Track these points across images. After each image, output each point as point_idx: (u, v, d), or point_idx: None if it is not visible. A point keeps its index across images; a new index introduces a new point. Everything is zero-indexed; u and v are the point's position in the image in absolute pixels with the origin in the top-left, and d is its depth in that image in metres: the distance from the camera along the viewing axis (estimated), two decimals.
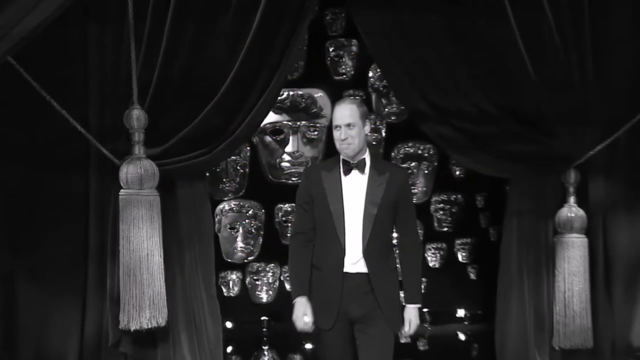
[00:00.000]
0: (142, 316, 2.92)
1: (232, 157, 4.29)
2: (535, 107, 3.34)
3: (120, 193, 3.00)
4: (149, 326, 2.94)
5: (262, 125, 4.27)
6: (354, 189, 2.66)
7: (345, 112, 2.65)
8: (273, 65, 3.28)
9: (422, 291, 4.31)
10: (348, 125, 2.63)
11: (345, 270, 2.64)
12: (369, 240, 2.62)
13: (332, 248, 2.64)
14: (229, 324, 4.25)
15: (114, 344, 3.11)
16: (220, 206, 4.32)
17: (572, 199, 3.44)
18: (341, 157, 2.72)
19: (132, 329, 2.93)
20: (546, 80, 3.31)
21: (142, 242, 2.94)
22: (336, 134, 2.67)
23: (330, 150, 4.39)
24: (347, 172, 2.68)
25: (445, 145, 3.50)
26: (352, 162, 2.69)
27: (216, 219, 4.34)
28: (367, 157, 2.71)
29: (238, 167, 4.33)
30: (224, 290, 4.33)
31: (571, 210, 3.41)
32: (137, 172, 2.97)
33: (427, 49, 3.35)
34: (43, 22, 2.81)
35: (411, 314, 2.75)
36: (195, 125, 3.20)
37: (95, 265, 3.17)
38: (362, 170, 2.68)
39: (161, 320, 2.98)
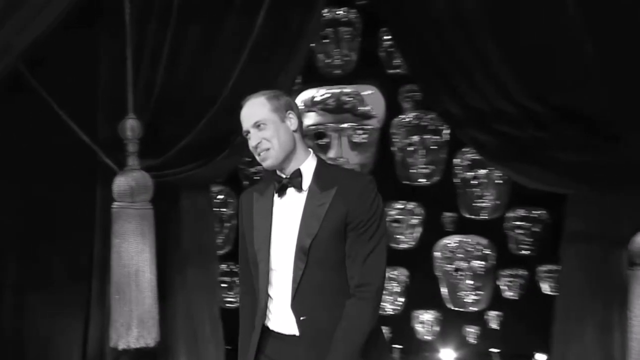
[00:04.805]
0: (130, 335, 3.26)
1: None
2: (599, 106, 3.08)
3: (112, 206, 3.38)
4: (137, 346, 3.27)
5: (306, 127, 4.48)
6: (287, 215, 2.18)
7: (250, 110, 2.19)
8: (280, 65, 3.45)
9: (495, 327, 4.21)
10: (257, 125, 2.17)
11: (271, 327, 2.20)
12: (300, 287, 2.11)
13: (260, 298, 2.22)
14: None
15: None
16: None
17: None
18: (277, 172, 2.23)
19: (121, 347, 3.28)
20: (614, 69, 3.04)
21: (132, 257, 3.27)
22: (249, 144, 2.21)
23: (382, 157, 4.44)
24: (280, 193, 2.20)
25: (483, 154, 3.38)
26: (284, 176, 2.21)
27: None
28: (305, 166, 2.19)
29: None
30: None
31: None
32: (128, 184, 3.31)
33: (459, 38, 3.26)
34: (43, 33, 3.28)
35: None
36: (198, 133, 3.47)
37: (98, 279, 3.59)
38: (298, 188, 2.18)
39: (150, 340, 3.28)
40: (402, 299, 4.43)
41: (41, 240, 3.62)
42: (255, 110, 2.20)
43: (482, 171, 4.25)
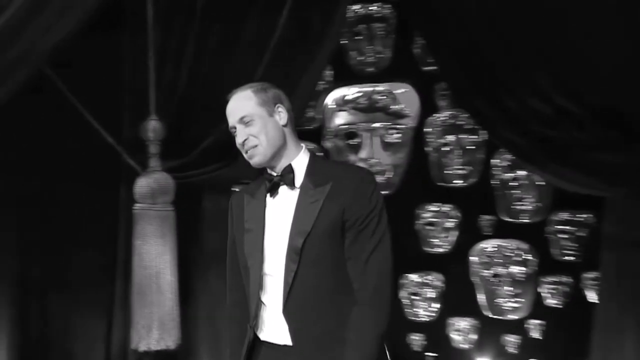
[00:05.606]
0: (150, 337, 3.31)
1: None
2: (637, 105, 2.94)
3: (134, 207, 3.44)
4: (158, 348, 3.31)
5: (337, 127, 4.46)
6: (280, 215, 2.06)
7: (235, 104, 2.10)
8: (304, 65, 3.44)
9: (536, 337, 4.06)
10: (243, 121, 2.08)
11: (263, 338, 2.10)
12: (292, 290, 1.98)
13: (250, 306, 2.12)
14: None
15: None
16: None
17: None
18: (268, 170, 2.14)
19: (141, 349, 3.33)
20: None
21: (152, 259, 3.32)
22: (236, 141, 2.12)
23: (416, 158, 4.36)
24: (272, 192, 2.09)
25: (517, 155, 3.27)
26: (275, 174, 2.11)
27: None
28: (297, 162, 2.09)
29: None
30: None
31: None
32: (148, 185, 3.37)
33: (489, 36, 3.17)
34: (68, 35, 3.37)
35: None
36: (220, 133, 3.48)
37: (122, 280, 3.66)
38: (291, 184, 2.07)
39: (170, 342, 3.32)
40: (437, 305, 4.33)
41: (65, 241, 3.72)
42: (241, 105, 2.09)
43: (522, 172, 4.09)
